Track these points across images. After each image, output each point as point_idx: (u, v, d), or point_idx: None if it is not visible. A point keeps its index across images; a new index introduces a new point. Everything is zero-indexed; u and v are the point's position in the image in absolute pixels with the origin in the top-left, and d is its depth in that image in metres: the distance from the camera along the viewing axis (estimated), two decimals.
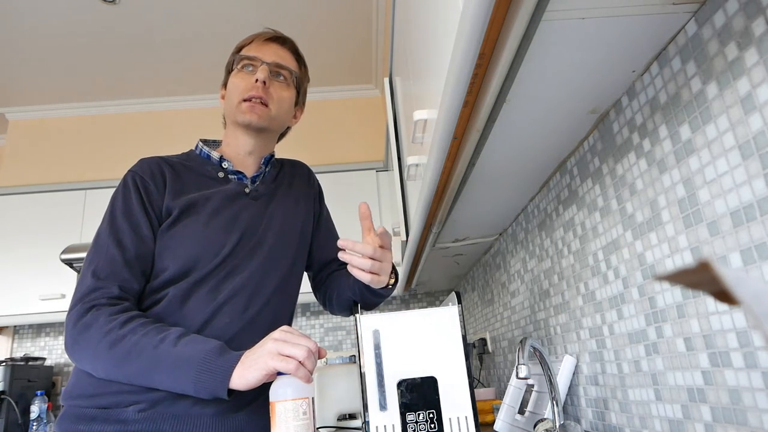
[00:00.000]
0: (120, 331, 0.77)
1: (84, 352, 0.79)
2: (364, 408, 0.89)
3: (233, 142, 1.03)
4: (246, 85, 0.98)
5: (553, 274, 1.16)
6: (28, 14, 2.17)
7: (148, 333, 0.77)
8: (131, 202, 0.90)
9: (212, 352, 0.75)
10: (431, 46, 0.80)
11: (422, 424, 0.88)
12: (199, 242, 0.91)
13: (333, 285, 1.07)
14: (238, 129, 1.01)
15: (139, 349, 0.76)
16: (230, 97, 1.00)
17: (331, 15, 2.34)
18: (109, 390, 0.81)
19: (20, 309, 2.30)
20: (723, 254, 0.61)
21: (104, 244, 0.87)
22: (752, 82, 0.55)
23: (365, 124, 2.85)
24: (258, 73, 0.97)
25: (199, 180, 0.98)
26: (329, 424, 1.72)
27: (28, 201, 2.48)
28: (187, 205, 0.92)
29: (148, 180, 0.93)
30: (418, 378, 0.90)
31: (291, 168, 1.13)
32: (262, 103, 0.98)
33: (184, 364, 0.74)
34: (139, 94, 2.80)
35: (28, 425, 2.14)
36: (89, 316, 0.79)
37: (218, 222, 0.93)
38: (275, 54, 1.02)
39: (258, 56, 1.00)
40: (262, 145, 1.04)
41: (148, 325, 0.79)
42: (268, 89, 0.98)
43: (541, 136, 0.91)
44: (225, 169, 1.01)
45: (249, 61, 1.00)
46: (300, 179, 1.13)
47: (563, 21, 0.61)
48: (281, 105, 1.02)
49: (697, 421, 0.68)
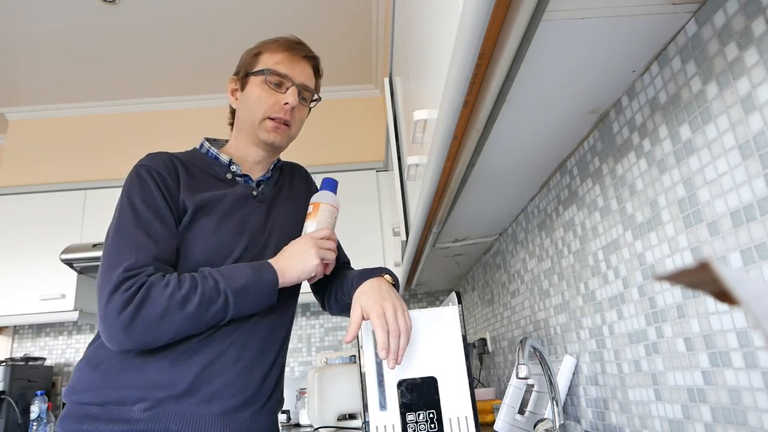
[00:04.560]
0: (181, 292, 0.80)
1: (150, 326, 0.78)
2: (364, 408, 0.89)
3: (243, 149, 1.03)
4: (273, 104, 0.97)
5: (553, 274, 1.16)
6: (28, 14, 2.17)
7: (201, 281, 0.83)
8: (152, 194, 0.88)
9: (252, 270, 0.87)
10: (431, 46, 0.80)
11: (422, 424, 0.88)
12: (210, 244, 0.91)
13: (331, 287, 1.07)
14: (251, 140, 1.01)
15: (209, 297, 0.82)
16: (253, 109, 0.98)
17: (331, 15, 2.33)
18: (113, 384, 0.81)
19: (20, 309, 2.30)
20: (723, 254, 0.61)
21: (133, 237, 0.83)
22: (752, 82, 0.55)
23: (365, 124, 2.85)
24: (289, 97, 0.97)
25: (209, 180, 0.98)
26: (329, 424, 1.72)
27: (28, 201, 2.48)
28: (201, 205, 0.92)
29: (164, 174, 0.91)
30: (418, 378, 0.90)
31: (290, 171, 1.14)
32: (286, 124, 0.99)
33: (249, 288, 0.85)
34: (139, 94, 2.80)
35: (28, 425, 2.14)
36: (139, 294, 0.78)
37: (229, 224, 0.93)
38: (303, 74, 1.02)
39: (289, 75, 0.99)
40: (272, 157, 1.06)
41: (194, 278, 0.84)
42: (293, 112, 1.00)
43: (541, 136, 0.91)
44: (233, 172, 1.00)
45: (279, 78, 0.98)
46: (299, 182, 1.13)
47: (563, 21, 0.61)
48: (299, 125, 1.04)
49: (697, 421, 0.68)
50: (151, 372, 0.82)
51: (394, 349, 0.83)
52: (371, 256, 2.40)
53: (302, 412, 2.10)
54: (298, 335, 2.63)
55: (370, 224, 2.46)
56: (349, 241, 2.42)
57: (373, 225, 2.46)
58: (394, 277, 0.97)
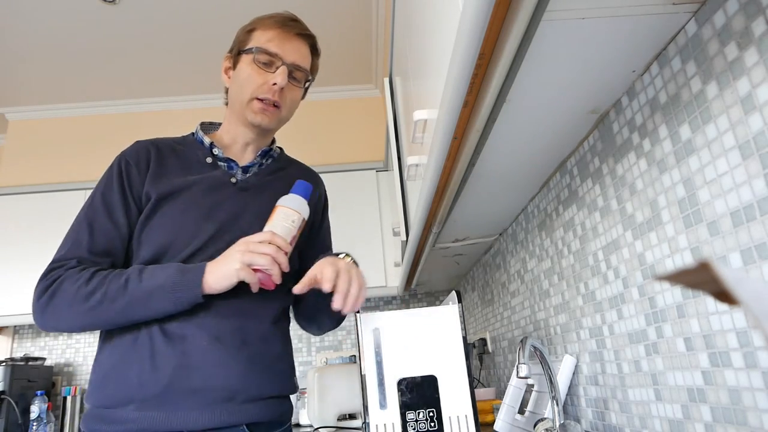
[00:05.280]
0: (88, 286, 0.83)
1: (58, 315, 0.83)
2: (364, 408, 0.89)
3: (232, 130, 1.01)
4: (262, 83, 0.94)
5: (553, 274, 1.16)
6: (29, 14, 2.17)
7: (112, 279, 0.83)
8: (112, 186, 0.93)
9: (175, 274, 0.83)
10: (431, 46, 0.80)
11: (422, 423, 0.88)
12: (172, 230, 0.89)
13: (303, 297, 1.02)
14: (240, 121, 0.99)
15: (112, 295, 0.82)
16: (241, 88, 0.96)
17: (331, 15, 2.33)
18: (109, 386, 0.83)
19: (20, 309, 2.30)
20: (723, 254, 0.61)
21: (77, 228, 0.90)
22: (752, 82, 0.55)
23: (365, 124, 2.85)
24: (278, 77, 0.93)
25: (185, 164, 0.96)
26: (329, 424, 1.72)
27: (28, 201, 2.48)
28: (168, 192, 0.91)
29: (132, 164, 0.94)
30: (418, 377, 0.90)
31: (298, 170, 1.10)
32: (275, 105, 0.96)
33: (156, 291, 0.82)
34: (139, 94, 2.80)
35: (28, 425, 2.14)
36: (53, 285, 0.84)
37: (195, 210, 0.91)
38: (296, 52, 0.97)
39: (279, 54, 0.94)
40: (262, 140, 1.02)
41: (109, 273, 0.85)
42: (283, 93, 0.96)
43: (541, 136, 0.91)
44: (215, 156, 0.98)
45: (269, 56, 0.94)
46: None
47: (563, 21, 0.61)
48: (291, 106, 1.00)
49: (697, 421, 0.68)
50: (134, 372, 0.83)
51: (343, 289, 0.81)
52: (371, 256, 2.40)
53: (302, 412, 2.11)
54: (298, 335, 2.63)
55: (370, 224, 2.46)
56: (349, 241, 2.42)
57: (373, 225, 2.46)
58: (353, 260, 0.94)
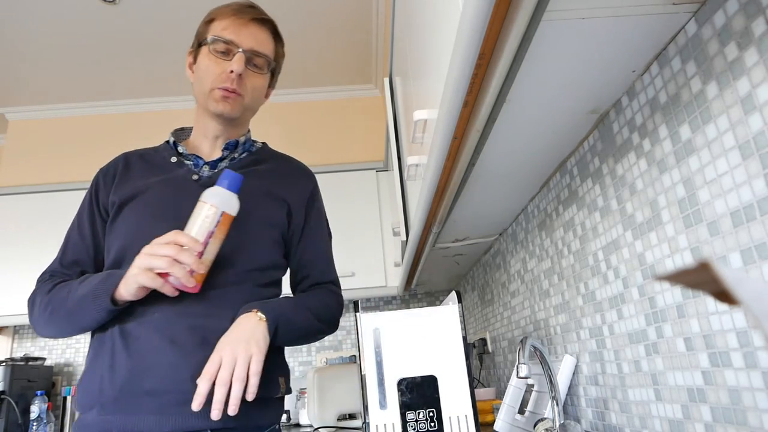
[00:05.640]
0: (46, 297, 0.88)
1: (37, 324, 0.89)
2: (364, 408, 0.89)
3: (201, 126, 1.00)
4: (220, 72, 0.93)
5: (553, 274, 1.16)
6: (29, 14, 2.17)
7: (59, 291, 0.87)
8: (85, 201, 0.97)
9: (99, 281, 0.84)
10: (431, 46, 0.80)
11: (422, 423, 0.88)
12: (130, 233, 0.89)
13: None
14: (206, 114, 0.97)
15: (57, 305, 0.86)
16: (201, 79, 0.95)
17: (331, 15, 2.33)
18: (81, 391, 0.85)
19: (20, 309, 2.30)
20: (723, 254, 0.61)
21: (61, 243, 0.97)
22: (752, 82, 0.55)
23: (365, 124, 2.85)
24: (234, 65, 0.91)
25: (149, 168, 0.97)
26: (329, 424, 1.72)
27: (28, 201, 2.48)
28: (129, 197, 0.92)
29: (101, 177, 0.98)
30: (418, 377, 0.90)
31: (283, 163, 1.06)
32: (236, 93, 0.93)
33: (83, 300, 0.83)
34: (140, 94, 2.80)
35: (28, 425, 2.14)
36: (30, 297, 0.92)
37: (152, 211, 0.90)
38: (253, 38, 0.95)
39: (235, 41, 0.93)
40: (230, 131, 1.00)
41: (64, 284, 0.89)
42: (242, 80, 0.94)
43: (541, 136, 0.91)
44: (180, 154, 0.97)
45: (225, 45, 0.93)
46: (288, 178, 1.04)
47: (563, 21, 0.61)
48: (255, 94, 0.98)
49: (697, 421, 0.68)
50: (97, 375, 0.83)
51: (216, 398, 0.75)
52: (371, 256, 2.40)
53: (302, 412, 2.10)
54: None
55: (370, 224, 2.46)
56: (349, 241, 2.42)
57: (373, 225, 2.46)
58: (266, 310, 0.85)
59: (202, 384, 0.75)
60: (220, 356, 0.78)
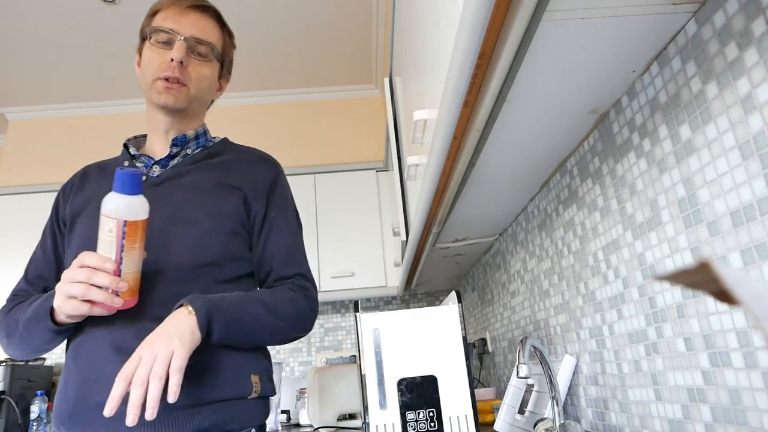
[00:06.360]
0: (3, 321, 0.88)
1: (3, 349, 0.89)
2: (364, 408, 0.89)
3: (151, 123, 0.96)
4: (161, 62, 0.89)
5: (553, 274, 1.16)
6: (29, 14, 2.17)
7: (16, 311, 0.87)
8: (49, 218, 0.98)
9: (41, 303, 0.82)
10: (431, 46, 0.80)
11: (422, 423, 0.88)
12: (81, 245, 0.85)
13: None
14: (153, 107, 0.94)
15: (13, 329, 0.85)
16: (145, 72, 0.92)
17: (331, 15, 2.33)
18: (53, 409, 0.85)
19: None
20: (723, 254, 0.61)
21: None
22: (752, 82, 0.55)
23: (365, 124, 2.85)
24: (174, 52, 0.88)
25: (103, 177, 0.95)
26: (329, 424, 1.72)
27: (28, 201, 2.48)
28: (79, 208, 0.91)
29: (61, 192, 0.99)
30: (418, 377, 0.90)
31: (241, 154, 1.00)
32: (179, 83, 0.90)
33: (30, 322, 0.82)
34: (139, 94, 2.80)
35: (28, 425, 2.14)
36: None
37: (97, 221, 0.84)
38: (194, 25, 0.92)
39: (174, 29, 0.90)
40: (181, 125, 0.96)
41: (20, 305, 0.88)
42: (185, 68, 0.90)
43: (541, 136, 0.91)
44: (132, 155, 0.95)
45: (165, 34, 0.90)
46: (244, 166, 0.97)
47: (563, 21, 0.61)
48: (201, 83, 0.93)
49: (697, 421, 0.68)
50: (59, 393, 0.82)
51: (131, 400, 0.67)
52: (371, 256, 2.40)
53: (302, 412, 2.10)
54: None
55: (370, 224, 2.46)
56: (349, 241, 2.42)
57: (373, 225, 2.46)
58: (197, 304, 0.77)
59: (117, 386, 0.67)
60: (139, 355, 0.70)
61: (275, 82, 2.77)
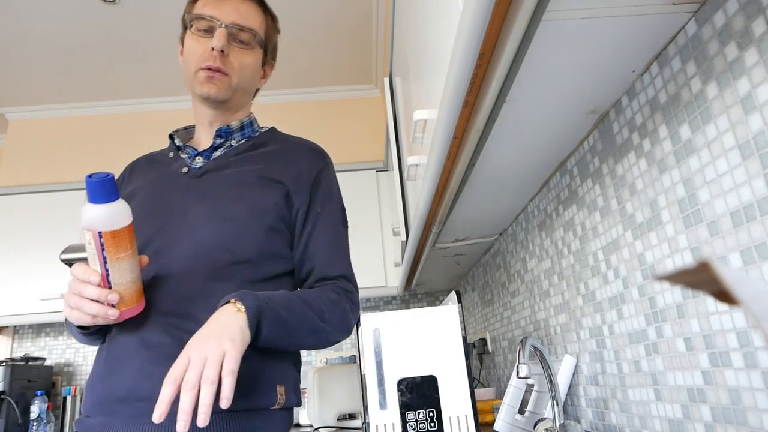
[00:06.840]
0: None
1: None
2: (364, 408, 0.89)
3: (196, 112, 0.95)
4: (203, 51, 0.87)
5: (553, 274, 1.16)
6: (29, 14, 2.17)
7: None
8: None
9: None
10: (431, 46, 0.80)
11: (422, 423, 0.88)
12: None
13: None
14: (196, 99, 0.92)
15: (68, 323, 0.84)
16: (187, 62, 0.90)
17: (331, 15, 2.33)
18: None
19: (20, 309, 2.30)
20: (723, 254, 0.61)
21: None
22: (752, 82, 0.55)
23: (365, 124, 2.85)
24: (215, 40, 0.85)
25: (150, 168, 0.95)
26: (329, 424, 1.72)
27: (28, 201, 2.48)
28: (128, 199, 0.91)
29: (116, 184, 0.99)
30: (418, 377, 0.90)
31: (288, 144, 0.97)
32: (221, 72, 0.87)
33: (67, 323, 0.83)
34: (140, 94, 2.80)
35: (28, 425, 2.14)
36: None
37: (139, 211, 0.85)
38: (235, 11, 0.88)
39: (215, 16, 0.87)
40: (225, 116, 0.94)
41: None
42: (227, 57, 0.87)
43: (541, 136, 0.91)
44: (177, 147, 0.94)
45: (206, 22, 0.87)
46: (289, 158, 0.93)
47: (563, 21, 0.61)
48: (243, 72, 0.90)
49: (697, 421, 0.68)
50: (88, 383, 0.82)
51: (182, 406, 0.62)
52: (371, 256, 2.40)
53: (302, 412, 2.11)
54: None
55: (370, 224, 2.46)
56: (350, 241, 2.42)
57: (373, 225, 2.46)
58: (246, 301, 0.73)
59: (165, 389, 0.63)
60: (188, 356, 0.66)
61: (275, 82, 2.77)
